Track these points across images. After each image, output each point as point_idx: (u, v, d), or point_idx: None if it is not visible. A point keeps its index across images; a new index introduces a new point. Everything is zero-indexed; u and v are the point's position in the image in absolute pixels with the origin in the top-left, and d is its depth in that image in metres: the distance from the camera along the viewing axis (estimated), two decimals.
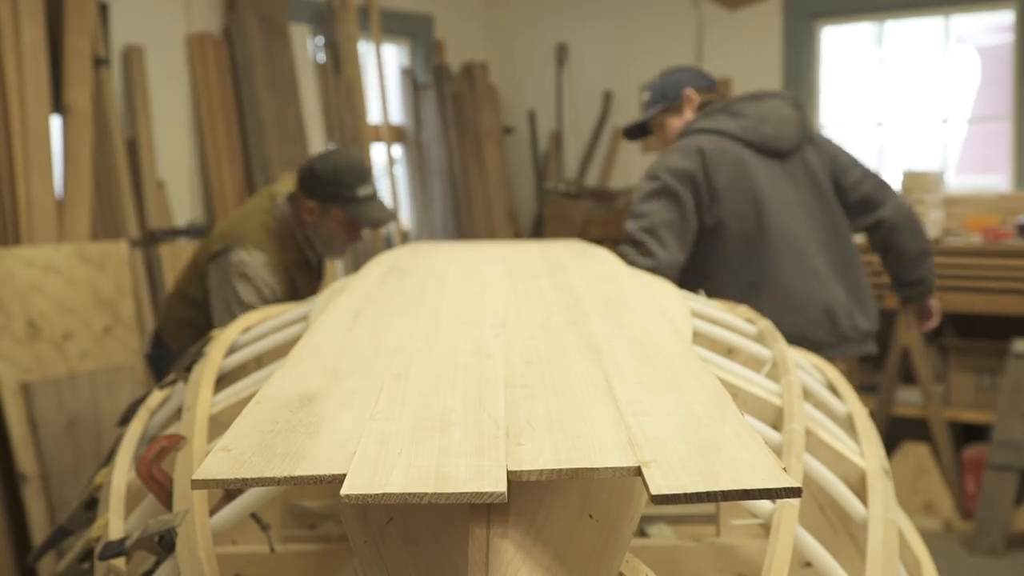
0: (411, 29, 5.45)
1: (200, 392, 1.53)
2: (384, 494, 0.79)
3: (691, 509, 1.89)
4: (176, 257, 3.86)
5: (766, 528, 1.24)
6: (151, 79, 4.04)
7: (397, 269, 1.98)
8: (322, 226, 2.83)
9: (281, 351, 1.74)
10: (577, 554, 0.88)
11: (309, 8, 4.69)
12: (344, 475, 0.83)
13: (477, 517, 0.84)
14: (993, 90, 4.76)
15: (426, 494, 0.79)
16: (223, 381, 1.68)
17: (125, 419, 1.84)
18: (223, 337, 1.83)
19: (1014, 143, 4.60)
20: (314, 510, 1.81)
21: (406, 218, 5.42)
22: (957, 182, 4.83)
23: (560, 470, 0.84)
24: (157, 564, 1.16)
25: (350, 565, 1.02)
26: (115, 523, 1.38)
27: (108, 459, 1.71)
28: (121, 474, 1.51)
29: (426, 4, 5.48)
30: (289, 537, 1.66)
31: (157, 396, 1.83)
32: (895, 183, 4.40)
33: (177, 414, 1.58)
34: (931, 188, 4.27)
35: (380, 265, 2.07)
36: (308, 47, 4.61)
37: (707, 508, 1.80)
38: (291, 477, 0.84)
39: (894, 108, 4.97)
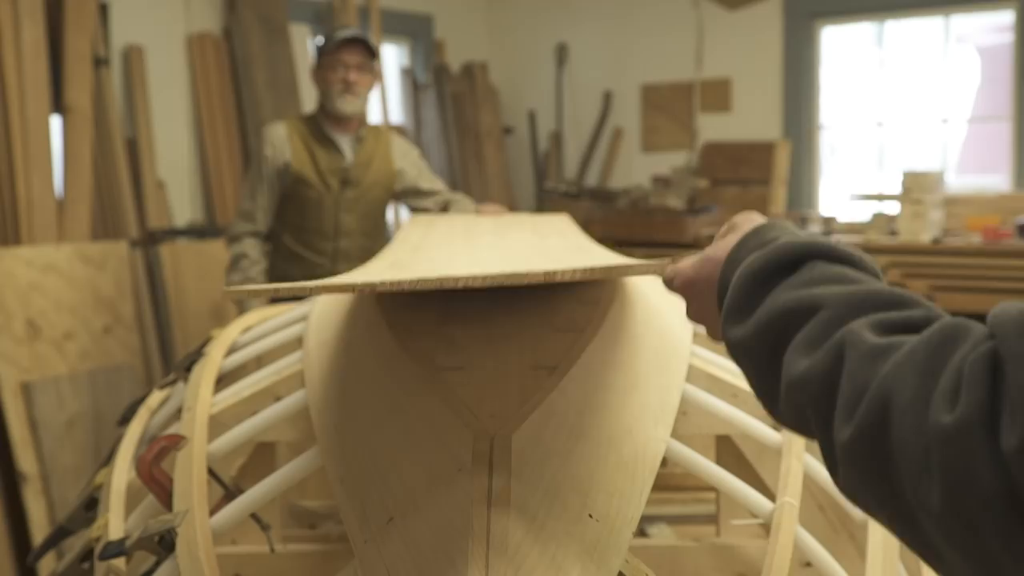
0: (411, 29, 5.45)
1: (200, 392, 1.53)
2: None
3: (691, 509, 1.89)
4: (176, 257, 3.86)
5: (766, 528, 1.24)
6: (151, 79, 4.04)
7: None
8: (321, 82, 3.15)
9: (281, 351, 1.74)
10: (577, 554, 0.88)
11: (309, 8, 4.69)
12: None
13: (477, 517, 0.84)
14: (993, 90, 4.76)
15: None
16: (223, 381, 1.68)
17: (125, 419, 1.84)
18: (223, 337, 1.83)
19: (1014, 143, 4.60)
20: (314, 510, 1.81)
21: (406, 217, 5.41)
22: (957, 182, 4.83)
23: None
24: (157, 564, 1.15)
25: (350, 565, 1.02)
26: (115, 523, 1.38)
27: (108, 459, 1.71)
28: (121, 474, 1.51)
29: (426, 4, 5.48)
30: (289, 537, 1.66)
31: (157, 396, 1.83)
32: (894, 183, 4.41)
33: (177, 414, 1.58)
34: (931, 188, 4.27)
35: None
36: (308, 47, 4.61)
37: (707, 508, 1.80)
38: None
39: (894, 108, 4.97)
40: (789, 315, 0.70)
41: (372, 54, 3.17)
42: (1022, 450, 0.51)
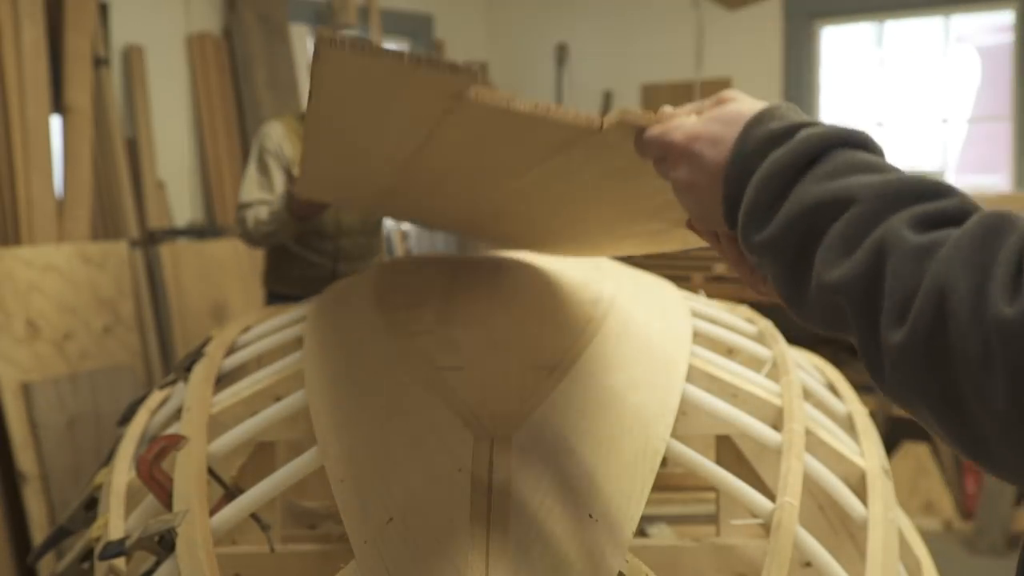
0: (411, 29, 5.45)
1: (200, 392, 1.53)
2: None
3: (691, 509, 1.90)
4: (176, 257, 3.86)
5: (766, 528, 1.24)
6: (151, 79, 4.04)
7: None
8: None
9: (281, 351, 1.74)
10: (577, 554, 0.88)
11: (309, 8, 4.69)
12: None
13: (477, 517, 0.84)
14: (993, 90, 4.76)
15: None
16: (223, 381, 1.68)
17: (125, 419, 1.84)
18: (223, 337, 1.83)
19: (1014, 143, 4.60)
20: (314, 510, 1.81)
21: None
22: (957, 182, 4.83)
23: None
24: (157, 564, 1.15)
25: (350, 565, 1.02)
26: (115, 523, 1.38)
27: (108, 459, 1.71)
28: (121, 474, 1.51)
29: (426, 4, 5.48)
30: (289, 537, 1.66)
31: (157, 396, 1.83)
32: None
33: (177, 414, 1.58)
34: None
35: None
36: (308, 47, 4.61)
37: (707, 508, 1.80)
38: None
39: (894, 108, 4.97)
40: (819, 211, 0.67)
41: None
42: None
